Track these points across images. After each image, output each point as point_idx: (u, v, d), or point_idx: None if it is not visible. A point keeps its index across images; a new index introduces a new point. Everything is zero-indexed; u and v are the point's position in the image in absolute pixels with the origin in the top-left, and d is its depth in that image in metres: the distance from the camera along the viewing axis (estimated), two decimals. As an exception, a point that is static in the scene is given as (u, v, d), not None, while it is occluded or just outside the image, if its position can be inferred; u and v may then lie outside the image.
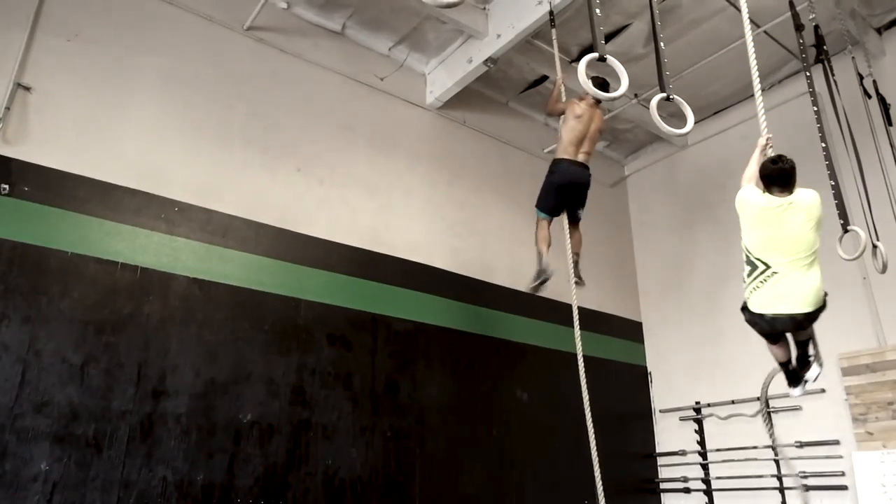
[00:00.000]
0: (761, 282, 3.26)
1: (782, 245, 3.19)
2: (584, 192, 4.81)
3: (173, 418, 4.03)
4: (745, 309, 3.45)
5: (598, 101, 4.83)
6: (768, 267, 3.22)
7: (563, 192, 4.81)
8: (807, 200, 3.20)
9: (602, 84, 4.77)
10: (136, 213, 4.29)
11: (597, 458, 4.26)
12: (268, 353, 4.54)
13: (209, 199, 4.64)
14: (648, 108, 3.55)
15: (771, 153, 3.45)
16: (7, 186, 3.87)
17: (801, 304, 3.21)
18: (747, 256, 3.32)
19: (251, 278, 4.64)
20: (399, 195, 5.81)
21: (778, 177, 3.21)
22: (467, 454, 5.41)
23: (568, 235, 4.84)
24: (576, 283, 4.95)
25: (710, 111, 7.20)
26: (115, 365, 3.93)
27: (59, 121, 4.19)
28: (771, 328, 3.42)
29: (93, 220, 4.11)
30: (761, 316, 3.33)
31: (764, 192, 3.28)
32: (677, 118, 3.84)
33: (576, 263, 4.94)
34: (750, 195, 3.31)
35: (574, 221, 4.92)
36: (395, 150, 5.95)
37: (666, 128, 3.49)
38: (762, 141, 3.54)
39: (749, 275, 3.33)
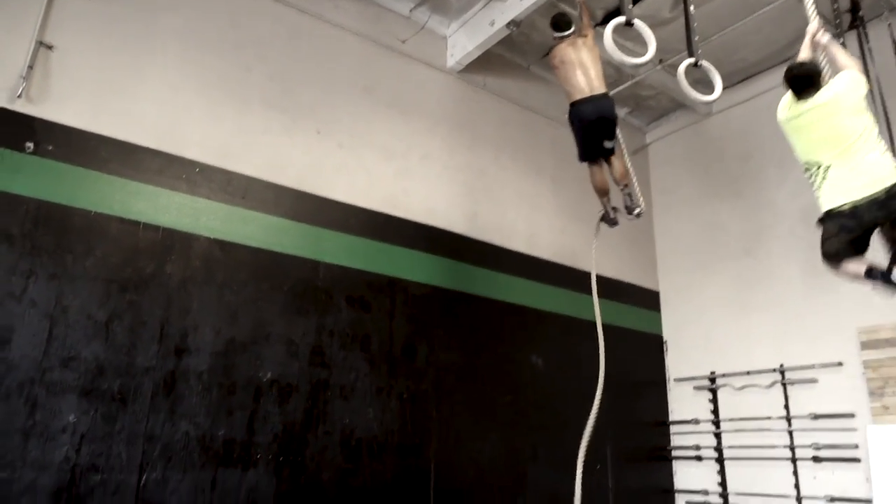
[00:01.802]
0: (822, 179, 3.09)
1: (822, 146, 3.05)
2: (607, 122, 4.53)
3: (195, 375, 4.13)
4: (823, 219, 3.23)
5: (572, 32, 4.69)
6: (820, 164, 3.09)
7: (588, 133, 4.61)
8: (829, 94, 3.04)
9: (565, 21, 4.69)
10: (158, 173, 4.33)
11: (591, 425, 4.28)
12: (287, 314, 4.60)
13: (229, 160, 4.66)
14: (673, 74, 3.49)
15: (826, 40, 3.25)
16: (32, 145, 3.91)
17: (874, 184, 3.01)
18: (804, 168, 3.19)
19: (271, 240, 4.68)
20: (418, 159, 5.79)
21: (792, 85, 3.09)
22: (482, 418, 5.49)
23: (609, 173, 4.68)
24: (637, 214, 4.78)
25: (736, 78, 7.03)
26: (139, 323, 4.01)
27: (81, 80, 4.20)
28: (858, 223, 3.13)
29: (115, 180, 4.15)
30: (840, 213, 3.12)
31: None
32: (703, 85, 3.77)
33: (629, 195, 4.77)
34: (778, 111, 3.20)
35: (606, 155, 4.66)
36: (415, 114, 5.91)
37: (693, 94, 3.43)
38: (812, 27, 3.31)
39: (812, 182, 3.18)
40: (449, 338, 5.45)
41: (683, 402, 7.02)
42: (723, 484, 6.44)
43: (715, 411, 6.68)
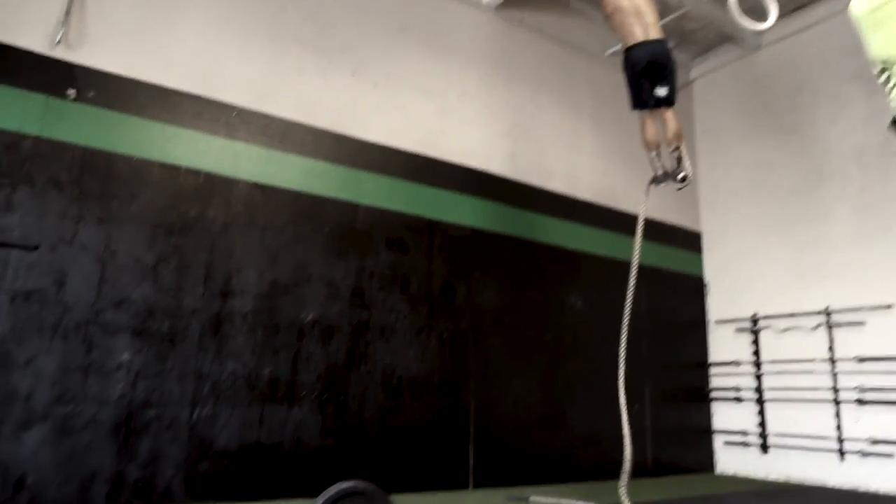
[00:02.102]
0: None
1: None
2: (663, 66, 4.37)
3: (240, 316, 4.24)
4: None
5: None
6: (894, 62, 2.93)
7: (639, 78, 4.45)
8: None
9: None
10: (196, 117, 4.35)
11: (623, 363, 4.26)
12: (327, 257, 4.67)
13: (266, 103, 4.65)
14: (722, 4, 3.31)
15: None
16: (74, 92, 3.95)
17: None
18: (879, 69, 3.03)
19: (310, 183, 4.70)
20: (455, 99, 5.69)
21: None
22: (520, 358, 5.55)
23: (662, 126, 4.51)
24: (682, 178, 4.61)
25: (788, 7, 6.66)
26: (184, 266, 4.12)
27: (117, 24, 4.20)
28: None
29: (154, 125, 4.19)
30: None
31: None
32: (754, 13, 3.58)
33: (676, 160, 4.61)
34: (853, 4, 3.01)
35: (659, 104, 4.51)
36: (451, 53, 5.78)
37: (745, 21, 3.26)
38: None
39: (885, 85, 3.02)
40: (487, 279, 5.48)
41: (724, 344, 6.97)
42: (762, 425, 6.43)
43: (756, 353, 6.61)
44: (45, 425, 3.53)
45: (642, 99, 4.55)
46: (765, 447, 6.40)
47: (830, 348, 5.99)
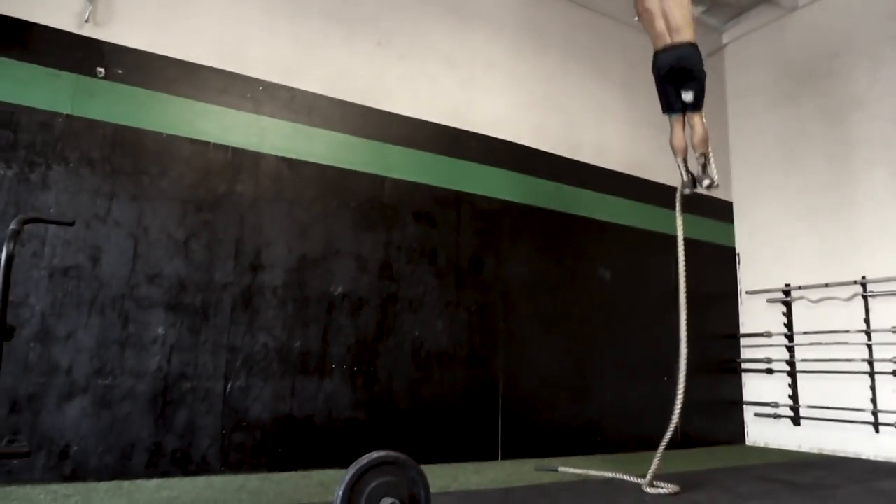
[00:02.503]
0: None
1: None
2: (688, 71, 4.22)
3: (270, 290, 4.29)
4: None
5: None
6: None
7: (668, 83, 4.38)
8: None
9: None
10: (223, 92, 4.36)
11: (685, 337, 4.25)
12: (356, 230, 4.68)
13: (292, 77, 4.63)
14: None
15: None
16: (103, 70, 3.99)
17: None
18: None
19: (337, 156, 4.70)
20: (482, 68, 5.61)
21: None
22: (549, 330, 5.54)
23: (687, 130, 4.39)
24: (707, 187, 4.54)
25: (828, -34, 6.41)
26: (215, 241, 4.17)
27: (143, 1, 4.20)
28: None
29: (182, 101, 4.21)
30: None
31: None
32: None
33: (701, 167, 4.53)
34: None
35: (686, 110, 4.35)
36: (477, 21, 5.68)
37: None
38: None
39: None
40: (515, 251, 5.45)
41: (755, 315, 6.87)
42: (794, 397, 6.36)
43: (788, 324, 6.51)
44: (85, 397, 3.64)
45: (669, 103, 4.48)
46: (796, 419, 6.33)
47: (866, 319, 5.87)
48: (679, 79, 4.31)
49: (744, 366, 6.87)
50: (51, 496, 3.13)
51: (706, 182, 4.48)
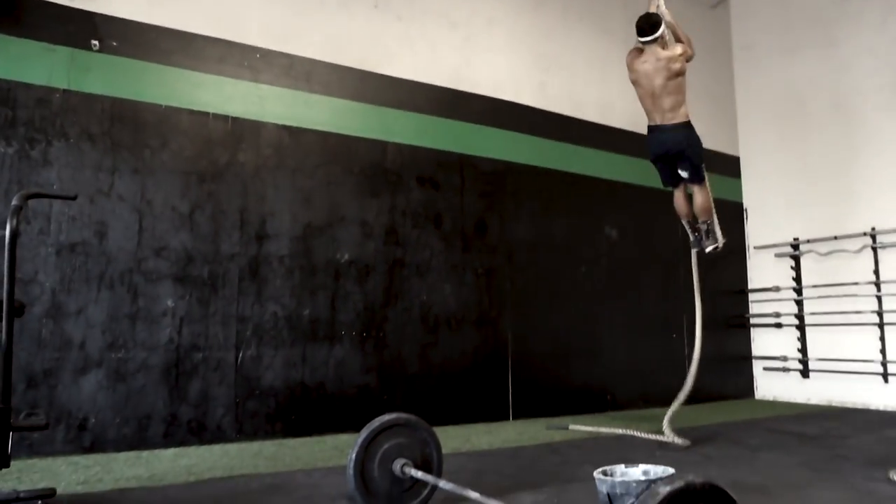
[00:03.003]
0: None
1: None
2: (682, 155, 4.14)
3: (277, 259, 4.30)
4: None
5: (654, 39, 4.03)
6: None
7: (662, 163, 4.27)
8: None
9: (651, 24, 3.99)
10: (220, 61, 4.30)
11: (699, 295, 4.27)
12: (360, 197, 4.66)
13: (289, 43, 4.56)
14: None
15: None
16: (97, 42, 3.93)
17: None
18: None
19: (338, 123, 4.66)
20: (481, 27, 5.51)
21: None
22: (556, 290, 5.55)
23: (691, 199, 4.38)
24: (712, 248, 4.41)
25: None
26: (219, 212, 4.16)
27: (134, -32, 4.13)
28: None
29: (179, 72, 4.16)
30: None
31: None
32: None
33: (704, 231, 4.39)
34: None
35: (687, 182, 4.30)
36: (476, -23, 5.55)
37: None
38: None
39: None
40: (521, 213, 5.43)
41: (763, 270, 6.85)
42: (803, 350, 6.38)
43: (797, 278, 6.50)
44: (100, 371, 3.68)
45: (665, 178, 4.39)
46: (805, 372, 6.36)
47: (875, 270, 5.85)
48: (669, 160, 4.25)
49: (752, 321, 6.88)
50: (72, 467, 3.19)
51: (709, 246, 4.41)
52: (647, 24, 4.04)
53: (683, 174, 4.24)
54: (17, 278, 3.49)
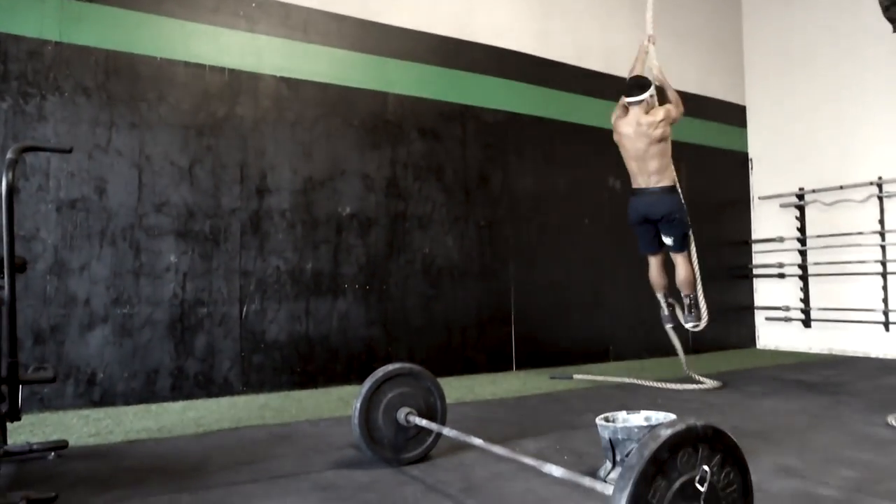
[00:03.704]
0: None
1: None
2: (669, 219, 4.04)
3: (278, 213, 4.28)
4: None
5: (638, 101, 4.03)
6: None
7: (642, 228, 4.17)
8: None
9: (639, 86, 3.98)
10: (215, 11, 4.19)
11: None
12: (360, 149, 4.61)
13: (285, -9, 4.44)
14: None
15: None
16: (87, -10, 3.83)
17: None
18: None
19: (337, 74, 4.57)
20: (482, -27, 5.35)
21: None
22: (559, 242, 5.54)
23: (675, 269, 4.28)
24: (693, 327, 4.24)
25: None
26: (219, 166, 4.12)
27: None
28: None
29: (174, 23, 4.06)
30: None
31: None
32: None
33: (688, 306, 4.24)
34: None
35: (671, 250, 4.21)
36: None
37: None
38: None
39: None
40: (523, 164, 5.37)
41: (768, 221, 6.82)
42: (805, 300, 6.39)
43: (801, 228, 6.46)
44: (106, 326, 3.71)
45: (644, 244, 4.22)
46: (807, 322, 6.39)
47: (881, 220, 5.81)
48: (652, 225, 4.13)
49: (756, 271, 6.88)
50: (83, 420, 3.25)
51: (691, 324, 4.24)
52: (636, 85, 4.08)
53: (668, 241, 4.14)
54: (18, 235, 3.50)
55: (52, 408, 3.50)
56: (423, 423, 2.34)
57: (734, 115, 6.96)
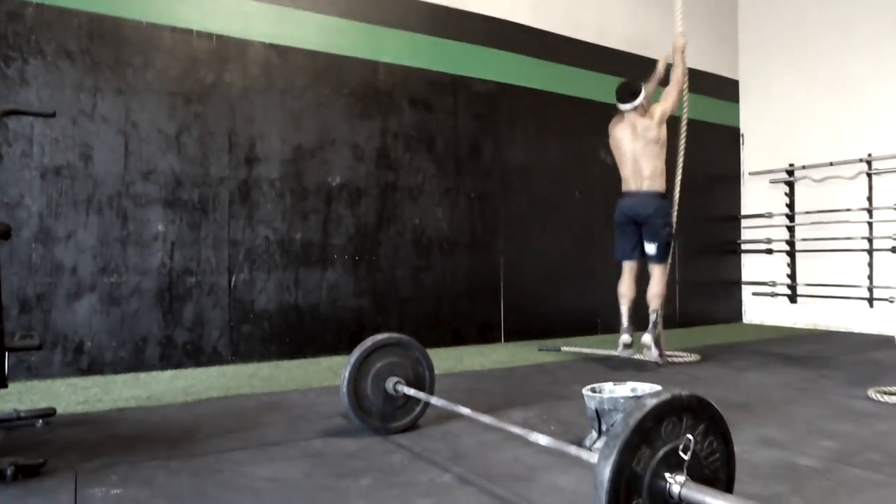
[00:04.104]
0: None
1: None
2: (652, 224, 3.99)
3: (267, 183, 4.24)
4: None
5: (633, 108, 4.04)
6: None
7: (625, 230, 4.11)
8: None
9: (630, 92, 3.98)
10: (202, -26, 4.10)
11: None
12: (350, 118, 4.56)
13: (272, -45, 4.34)
14: None
15: None
16: (68, -50, 3.72)
17: None
18: None
19: (327, 41, 4.50)
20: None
21: None
22: (550, 215, 5.53)
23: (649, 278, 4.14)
24: (658, 362, 3.97)
25: None
26: (207, 134, 4.07)
27: None
28: None
29: (159, -16, 3.97)
30: None
31: None
32: None
33: (654, 323, 4.02)
34: None
35: (647, 260, 4.10)
36: None
37: None
38: None
39: None
40: (514, 135, 5.34)
41: (757, 196, 6.84)
42: (792, 275, 6.45)
43: (790, 204, 6.49)
44: (93, 295, 3.69)
45: (623, 250, 4.09)
46: (793, 297, 6.45)
47: (869, 197, 5.84)
48: (635, 227, 4.05)
49: (744, 246, 6.92)
50: (71, 388, 3.24)
51: (651, 355, 3.99)
52: (627, 92, 4.08)
53: (650, 249, 4.06)
54: (2, 202, 3.45)
55: (40, 376, 3.49)
56: (412, 392, 2.35)
57: (727, 89, 6.93)
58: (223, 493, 1.77)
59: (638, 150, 4.06)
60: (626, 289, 4.27)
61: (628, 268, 4.26)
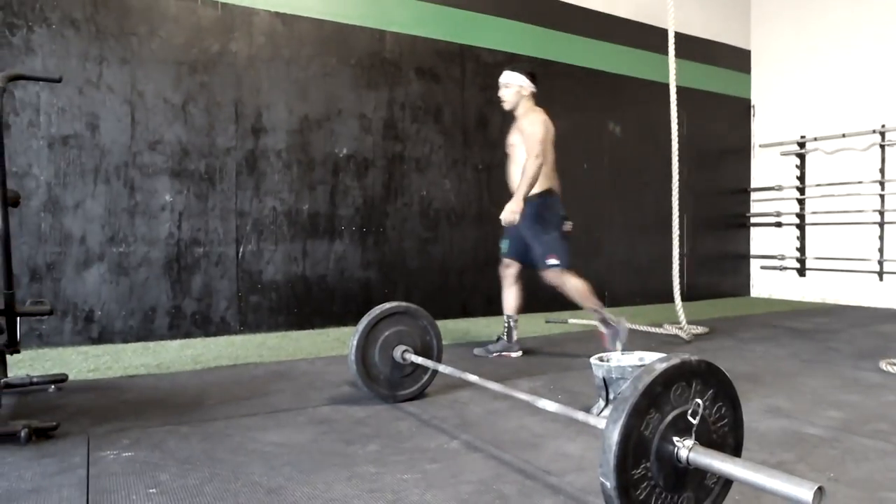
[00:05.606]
0: None
1: None
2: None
3: (274, 153, 4.22)
4: None
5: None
6: None
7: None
8: None
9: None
10: (207, -59, 4.04)
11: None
12: (357, 88, 4.51)
13: (278, -79, 4.27)
14: None
15: None
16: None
17: None
18: None
19: (333, 10, 4.43)
20: None
21: None
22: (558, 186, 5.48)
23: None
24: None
25: None
26: (213, 104, 4.04)
27: None
28: None
29: (162, -48, 3.91)
30: None
31: None
32: None
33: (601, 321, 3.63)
34: None
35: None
36: None
37: None
38: None
39: None
40: (523, 107, 5.27)
41: (767, 169, 6.77)
42: (801, 248, 6.41)
43: (801, 177, 6.42)
44: (102, 265, 3.70)
45: (568, 258, 3.78)
46: (802, 270, 6.42)
47: (881, 169, 5.77)
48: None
49: (753, 220, 6.87)
50: (82, 356, 3.28)
51: (618, 345, 3.52)
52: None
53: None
54: (10, 171, 3.45)
55: (51, 344, 3.53)
56: (420, 360, 2.36)
57: (738, 59, 6.82)
58: (233, 457, 1.79)
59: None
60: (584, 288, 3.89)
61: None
